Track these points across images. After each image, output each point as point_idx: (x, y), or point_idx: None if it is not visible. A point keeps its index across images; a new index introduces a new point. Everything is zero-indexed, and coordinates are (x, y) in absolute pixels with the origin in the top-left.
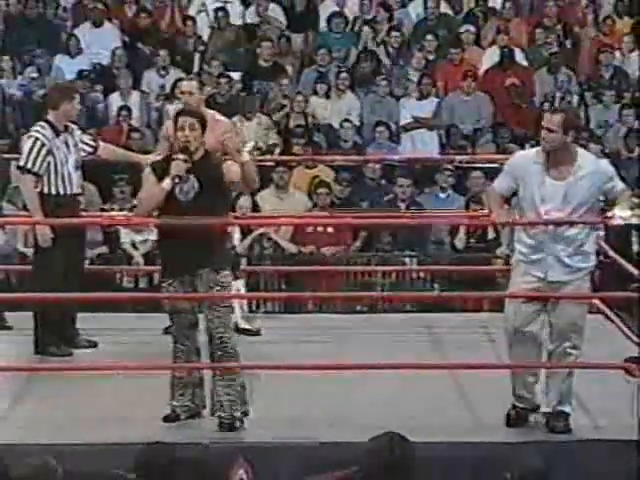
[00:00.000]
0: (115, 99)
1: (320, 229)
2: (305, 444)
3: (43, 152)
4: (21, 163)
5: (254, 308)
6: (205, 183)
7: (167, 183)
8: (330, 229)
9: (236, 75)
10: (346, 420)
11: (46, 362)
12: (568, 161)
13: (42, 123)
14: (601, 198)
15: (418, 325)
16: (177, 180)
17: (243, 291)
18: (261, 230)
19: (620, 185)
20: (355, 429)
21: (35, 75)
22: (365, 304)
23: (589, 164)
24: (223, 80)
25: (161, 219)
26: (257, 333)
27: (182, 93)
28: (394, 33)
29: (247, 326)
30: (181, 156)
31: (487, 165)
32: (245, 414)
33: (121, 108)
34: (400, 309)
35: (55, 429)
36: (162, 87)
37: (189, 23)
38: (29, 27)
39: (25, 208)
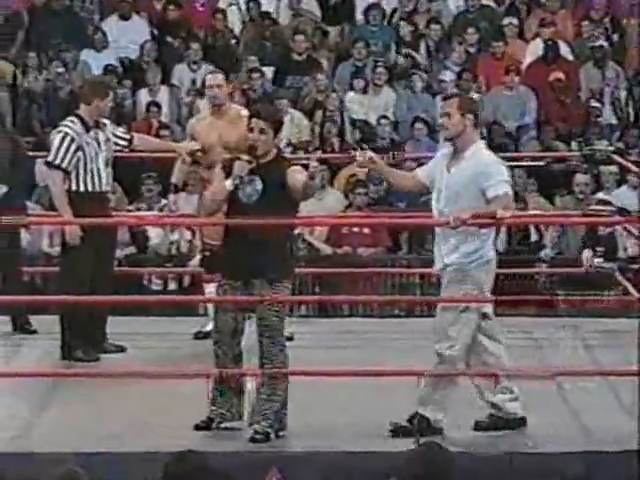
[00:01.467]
0: (144, 95)
1: (356, 230)
2: (339, 453)
3: (72, 147)
4: (49, 158)
5: (287, 312)
6: (269, 187)
7: (229, 183)
8: (366, 230)
9: (268, 70)
10: (380, 428)
11: (72, 367)
12: (463, 150)
13: (72, 118)
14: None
15: None
16: (238, 181)
17: None
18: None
19: (498, 191)
20: (389, 438)
21: (61, 70)
22: (402, 308)
23: (474, 157)
24: (255, 75)
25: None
26: (290, 338)
27: (210, 87)
28: (433, 26)
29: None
30: (245, 157)
31: (531, 164)
32: (277, 434)
33: (150, 104)
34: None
35: (81, 437)
36: (193, 82)
37: (219, 16)
38: (55, 20)
39: (51, 207)
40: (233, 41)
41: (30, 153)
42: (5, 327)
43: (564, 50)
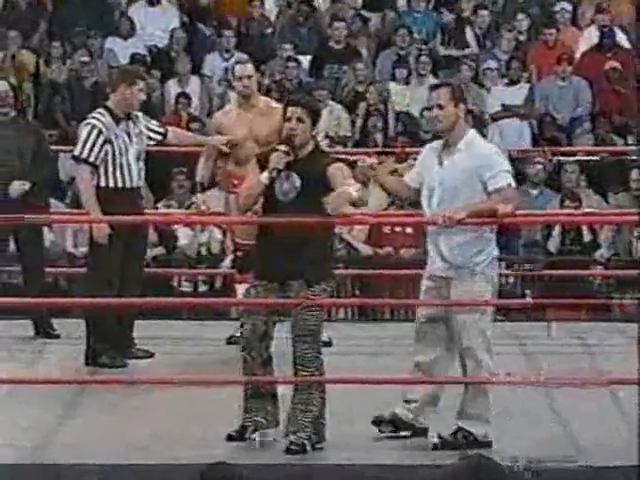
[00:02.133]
0: (173, 85)
1: (398, 229)
2: (377, 467)
3: (100, 141)
4: (76, 152)
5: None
6: (308, 184)
7: (265, 176)
8: (409, 229)
9: (305, 59)
10: (422, 440)
11: (97, 374)
12: (455, 143)
13: (101, 110)
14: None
15: (506, 335)
16: (275, 174)
17: None
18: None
19: (500, 183)
20: (431, 450)
21: (86, 59)
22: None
23: (469, 147)
24: (291, 64)
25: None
26: (328, 343)
27: (239, 78)
28: (481, 12)
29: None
30: (283, 147)
31: (585, 158)
32: (314, 446)
33: (179, 95)
34: None
35: (106, 447)
36: (225, 71)
37: (255, 2)
38: (79, 7)
39: (77, 204)
40: (269, 29)
41: (53, 147)
42: (27, 331)
43: (620, 37)
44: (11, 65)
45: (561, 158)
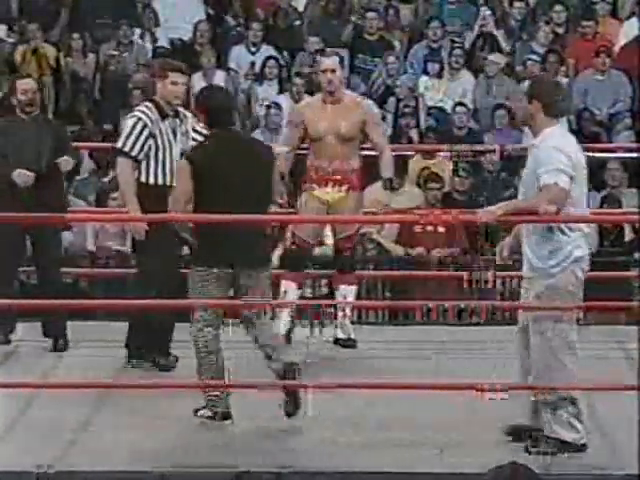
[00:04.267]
0: (197, 79)
1: (430, 229)
2: (413, 474)
3: (144, 134)
4: (118, 145)
5: (355, 318)
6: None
7: None
8: (441, 228)
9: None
10: (456, 447)
11: (121, 378)
12: (535, 137)
13: (147, 103)
14: None
15: None
16: None
17: (350, 299)
18: (362, 230)
19: (548, 179)
20: (466, 457)
21: (113, 52)
22: (481, 315)
23: (541, 141)
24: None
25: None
26: (353, 344)
27: (323, 72)
28: (517, 3)
29: (343, 335)
30: None
31: (625, 155)
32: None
33: None
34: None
35: (130, 454)
36: (252, 65)
37: None
38: None
39: (97, 202)
40: (297, 22)
41: (75, 144)
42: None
43: None
44: (32, 58)
45: (601, 155)
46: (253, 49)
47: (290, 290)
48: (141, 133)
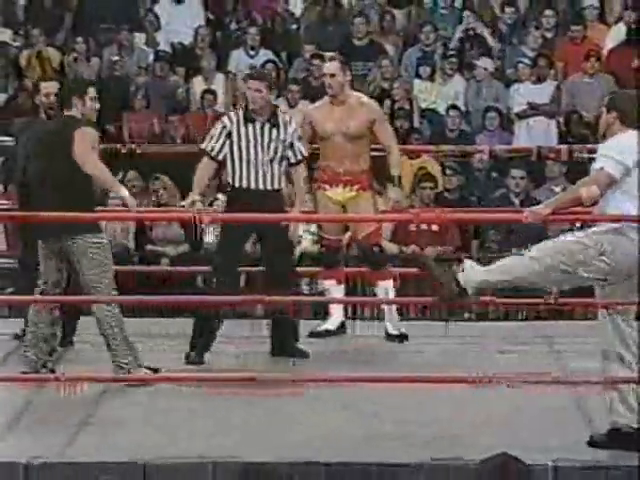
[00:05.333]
0: (198, 82)
1: (424, 227)
2: (411, 464)
3: (223, 135)
4: (202, 145)
5: (349, 313)
6: None
7: None
8: (435, 227)
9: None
10: (455, 439)
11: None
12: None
13: (237, 109)
14: None
15: (533, 334)
16: None
17: (392, 295)
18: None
19: (596, 164)
20: (466, 449)
21: (115, 57)
22: (474, 311)
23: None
24: (316, 61)
25: None
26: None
27: (324, 76)
28: (508, 8)
29: (395, 331)
30: None
31: None
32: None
33: (204, 92)
34: (513, 317)
35: (137, 446)
36: (251, 68)
37: None
38: (104, 3)
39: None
40: (294, 26)
41: None
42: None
43: None
44: (36, 62)
45: (588, 156)
46: (252, 52)
47: (332, 287)
48: (220, 134)
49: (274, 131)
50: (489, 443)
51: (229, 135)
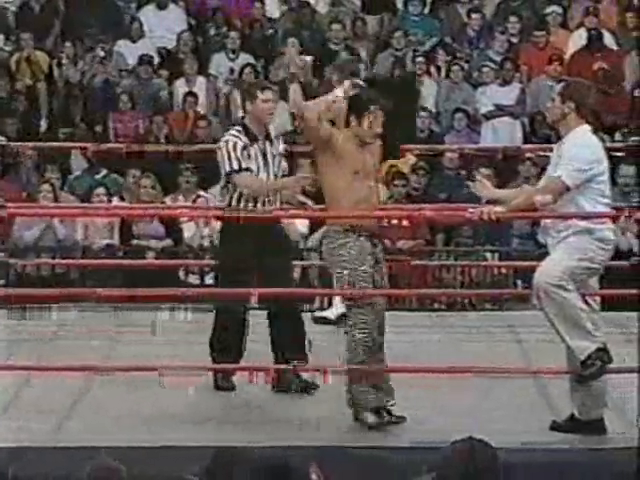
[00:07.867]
0: (180, 85)
1: (395, 222)
2: (379, 448)
3: (239, 148)
4: (227, 168)
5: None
6: None
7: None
8: (405, 222)
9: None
10: (422, 424)
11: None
12: (565, 136)
13: (238, 127)
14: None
15: (499, 324)
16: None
17: None
18: None
19: (555, 172)
20: (433, 434)
21: (97, 61)
22: (443, 301)
23: (569, 139)
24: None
25: None
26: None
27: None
28: (474, 15)
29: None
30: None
31: None
32: None
33: (187, 94)
34: (480, 307)
35: (119, 430)
36: (231, 71)
37: (258, 5)
38: (91, 9)
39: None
40: (271, 30)
41: (65, 145)
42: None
43: (608, 39)
44: (25, 65)
45: (551, 154)
46: (232, 56)
47: None
48: (235, 149)
49: (273, 146)
50: (457, 429)
51: (244, 149)
